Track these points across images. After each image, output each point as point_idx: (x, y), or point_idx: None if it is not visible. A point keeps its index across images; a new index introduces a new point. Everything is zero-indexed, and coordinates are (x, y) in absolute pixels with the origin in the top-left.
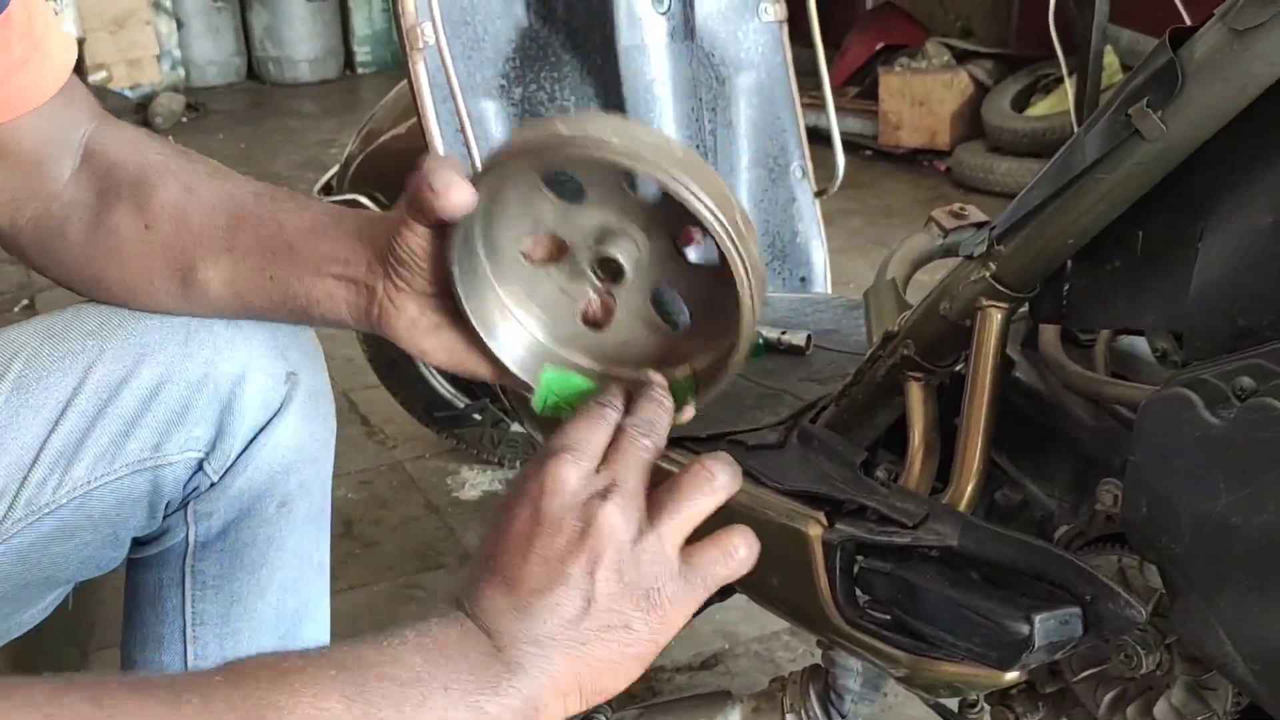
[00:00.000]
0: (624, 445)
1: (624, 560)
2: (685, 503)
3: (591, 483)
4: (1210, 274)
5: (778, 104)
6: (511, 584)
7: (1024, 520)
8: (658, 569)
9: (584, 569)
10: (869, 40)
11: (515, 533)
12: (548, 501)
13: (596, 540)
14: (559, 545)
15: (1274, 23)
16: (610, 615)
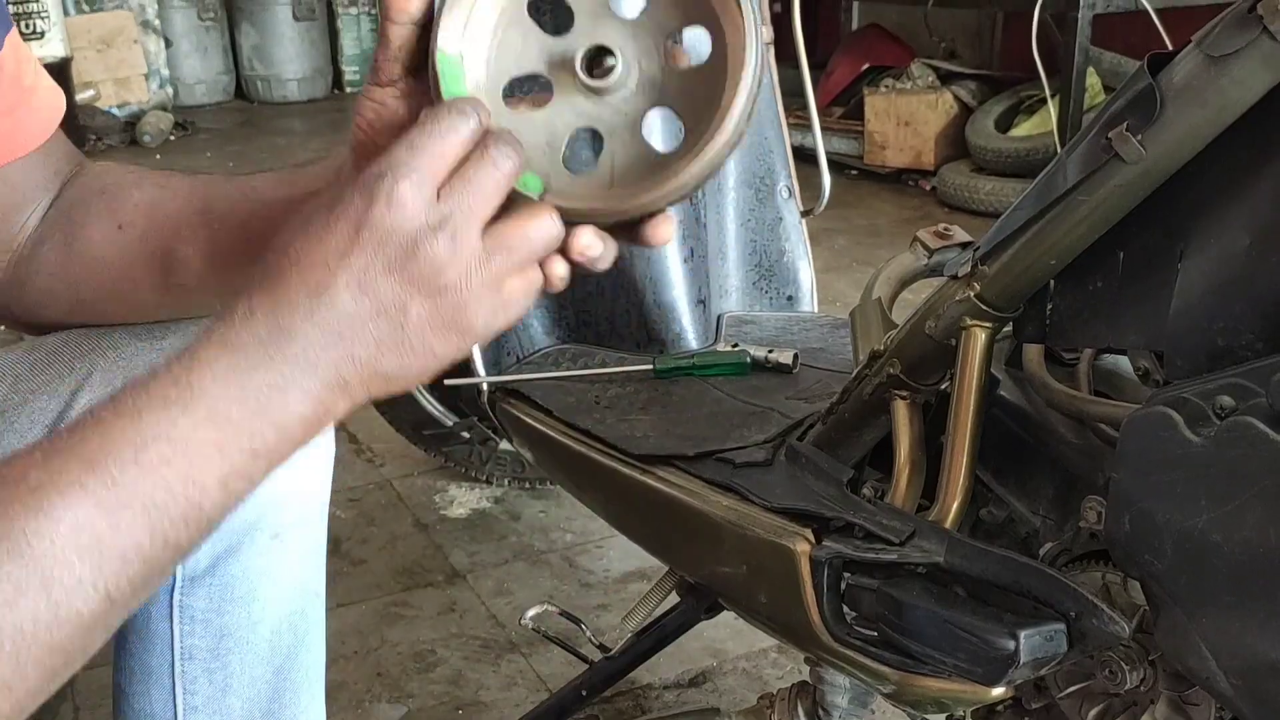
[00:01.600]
0: (477, 167)
1: (443, 300)
2: (524, 248)
3: (428, 209)
4: (1190, 294)
5: (765, 125)
6: (316, 300)
7: (1009, 537)
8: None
9: (398, 299)
10: (854, 61)
11: (332, 245)
12: (375, 220)
13: (418, 275)
14: (377, 269)
15: (1249, 49)
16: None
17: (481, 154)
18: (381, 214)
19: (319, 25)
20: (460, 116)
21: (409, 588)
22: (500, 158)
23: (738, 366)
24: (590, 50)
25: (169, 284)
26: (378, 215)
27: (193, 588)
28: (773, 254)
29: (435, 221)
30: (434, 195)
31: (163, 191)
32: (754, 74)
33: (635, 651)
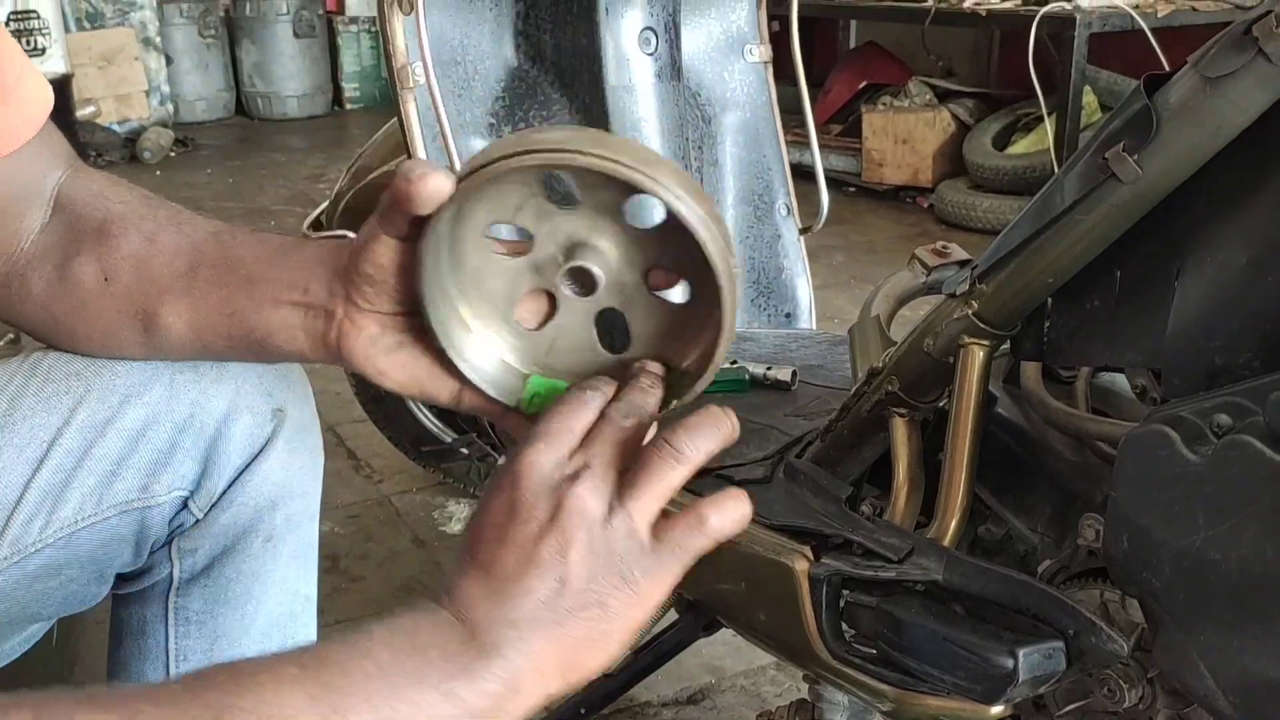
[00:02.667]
0: (602, 426)
1: (595, 539)
2: (653, 477)
3: (564, 466)
4: (1187, 313)
5: (763, 143)
6: (486, 571)
7: (1007, 555)
8: (629, 545)
9: (556, 550)
10: (852, 79)
11: (490, 522)
12: (521, 487)
13: (567, 521)
14: (531, 529)
15: (1245, 71)
16: (585, 595)
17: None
18: (523, 481)
19: (319, 43)
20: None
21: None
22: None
23: (736, 384)
24: (572, 270)
25: (149, 341)
26: (521, 483)
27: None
28: (771, 271)
29: (572, 474)
30: (567, 456)
31: (150, 247)
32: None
33: (633, 669)
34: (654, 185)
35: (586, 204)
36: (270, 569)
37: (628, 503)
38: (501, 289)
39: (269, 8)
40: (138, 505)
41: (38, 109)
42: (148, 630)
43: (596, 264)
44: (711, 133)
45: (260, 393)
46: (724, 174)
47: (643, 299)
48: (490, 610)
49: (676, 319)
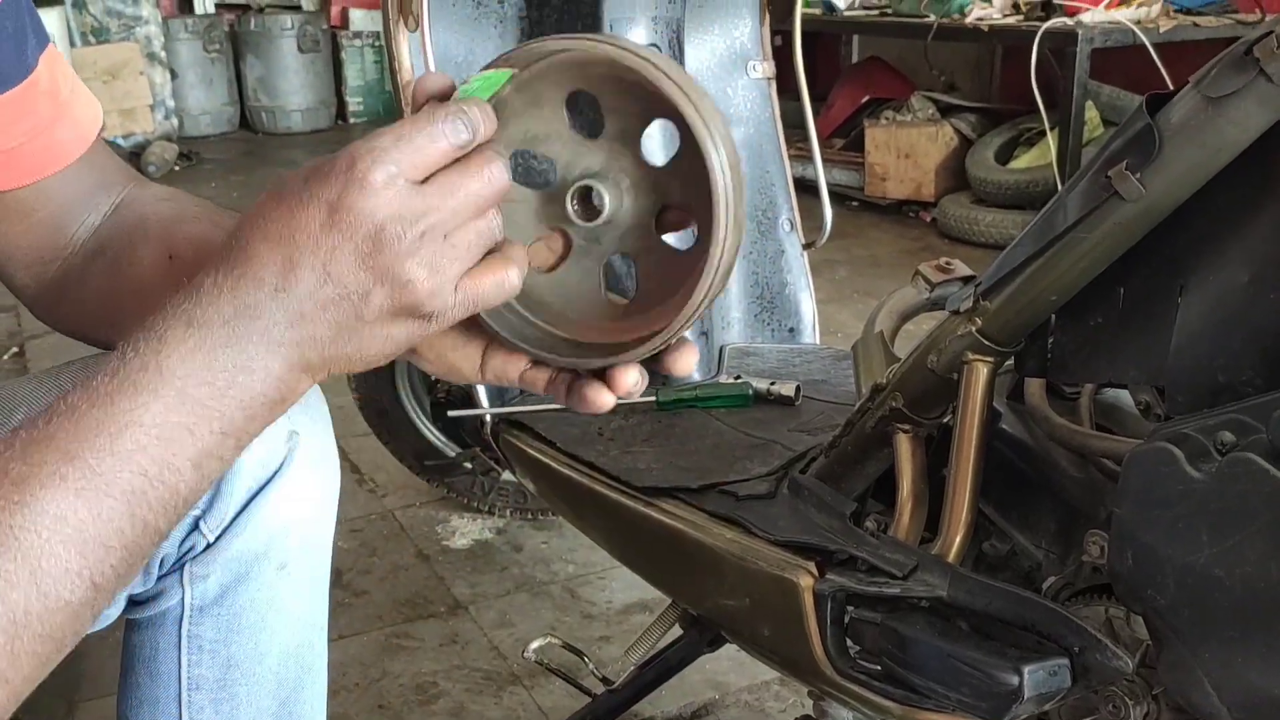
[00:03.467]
0: (464, 176)
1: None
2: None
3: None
4: (1190, 330)
5: (766, 158)
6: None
7: (1012, 571)
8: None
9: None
10: (855, 93)
11: (304, 226)
12: (349, 210)
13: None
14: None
15: (1246, 90)
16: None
17: (473, 163)
18: (354, 199)
19: (323, 57)
20: (459, 121)
21: (411, 619)
22: (491, 175)
23: (740, 399)
24: (581, 189)
25: None
26: (350, 200)
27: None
28: (775, 286)
29: (408, 215)
30: (411, 188)
31: (215, 231)
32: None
33: (638, 684)
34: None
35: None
36: (284, 597)
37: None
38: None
39: (273, 22)
40: None
41: (88, 127)
42: (160, 657)
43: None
44: None
45: None
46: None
47: (650, 244)
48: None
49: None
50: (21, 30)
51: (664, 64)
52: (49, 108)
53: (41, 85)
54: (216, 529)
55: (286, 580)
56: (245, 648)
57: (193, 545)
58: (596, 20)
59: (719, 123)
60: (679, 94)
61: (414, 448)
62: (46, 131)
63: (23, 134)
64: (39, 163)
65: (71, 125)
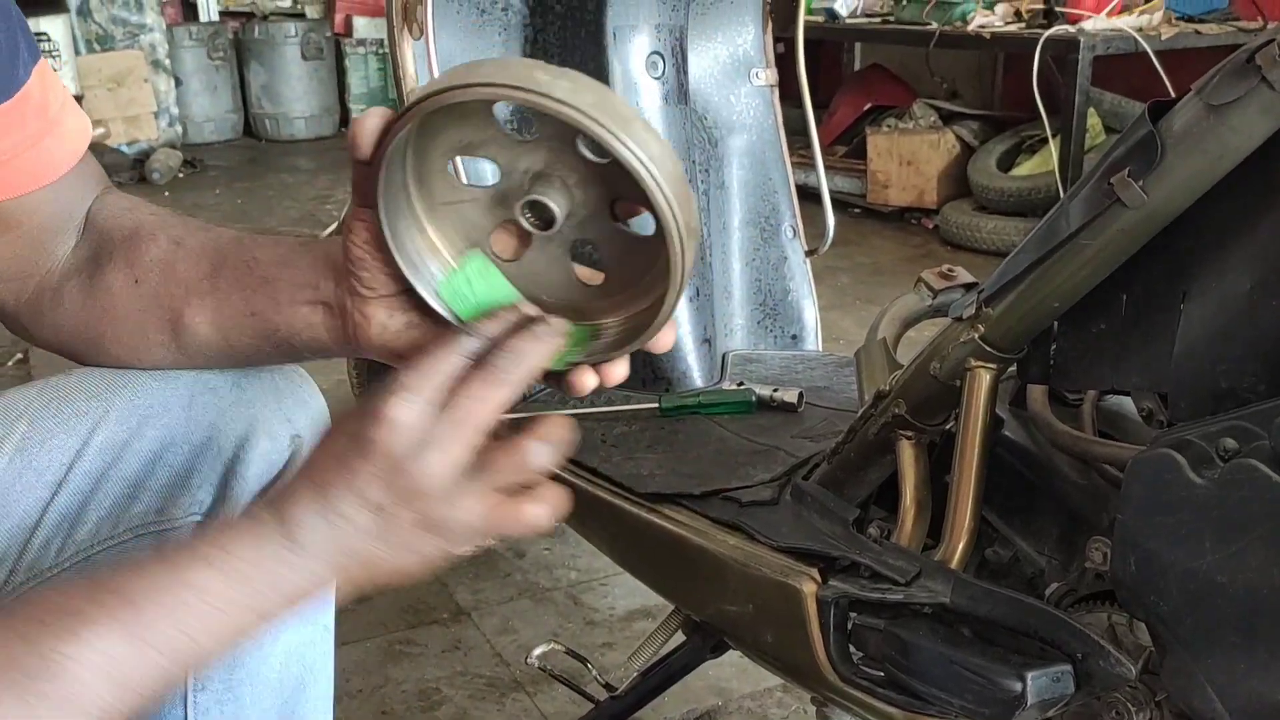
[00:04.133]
0: (474, 382)
1: (429, 509)
2: (508, 471)
3: (424, 424)
4: (1193, 337)
5: (769, 165)
6: (323, 504)
7: (1015, 577)
8: (459, 518)
9: (391, 506)
10: (857, 100)
11: (340, 461)
12: (375, 440)
13: (408, 489)
14: (373, 482)
15: (1248, 98)
16: (403, 543)
17: (483, 373)
18: (375, 433)
19: (327, 64)
20: (461, 340)
21: (413, 625)
22: (501, 380)
23: (743, 405)
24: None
25: (178, 343)
26: (373, 434)
27: None
28: (777, 293)
29: (427, 441)
30: (430, 415)
31: (177, 250)
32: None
33: (641, 691)
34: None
35: (545, 134)
36: None
37: (474, 482)
38: (474, 220)
39: (277, 30)
40: (154, 529)
41: (78, 140)
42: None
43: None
44: (718, 155)
45: (279, 418)
46: (730, 196)
47: (610, 231)
48: (313, 535)
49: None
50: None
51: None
52: (38, 122)
53: (33, 99)
54: None
55: None
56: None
57: None
58: (599, 28)
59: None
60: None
61: None
62: (35, 145)
63: (11, 147)
64: (27, 177)
65: (60, 140)
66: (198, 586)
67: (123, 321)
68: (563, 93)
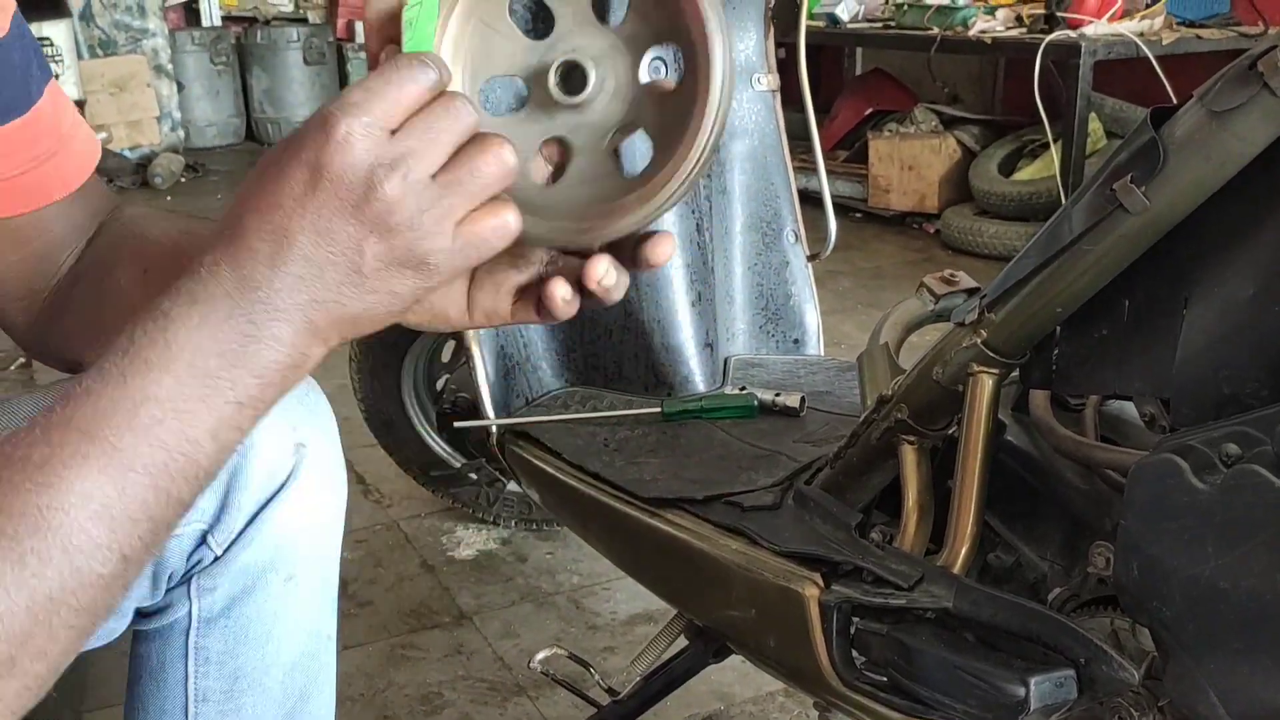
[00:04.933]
0: (434, 113)
1: (398, 238)
2: (476, 180)
3: (381, 149)
4: (1195, 342)
5: (771, 170)
6: (277, 248)
7: (1017, 582)
8: (432, 244)
9: (355, 242)
10: (858, 105)
11: (289, 192)
12: (329, 166)
13: (373, 215)
14: (333, 214)
15: (1250, 105)
16: (375, 282)
17: (440, 103)
18: (333, 156)
19: (329, 69)
20: (420, 68)
21: (416, 629)
22: (461, 110)
23: (745, 410)
24: (564, 65)
25: None
26: (329, 157)
27: (209, 629)
28: (779, 297)
29: (388, 161)
30: (386, 137)
31: (188, 238)
32: (719, 96)
33: (643, 695)
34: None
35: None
36: (291, 608)
37: (442, 200)
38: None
39: (279, 35)
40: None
41: (88, 158)
42: (167, 669)
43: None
44: (720, 160)
45: (284, 425)
46: (732, 201)
47: (642, 97)
48: (274, 293)
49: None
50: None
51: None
52: (50, 139)
53: (45, 117)
54: (224, 542)
55: (294, 591)
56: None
57: (200, 558)
58: None
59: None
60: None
61: (419, 458)
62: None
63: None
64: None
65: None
66: (155, 397)
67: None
68: None
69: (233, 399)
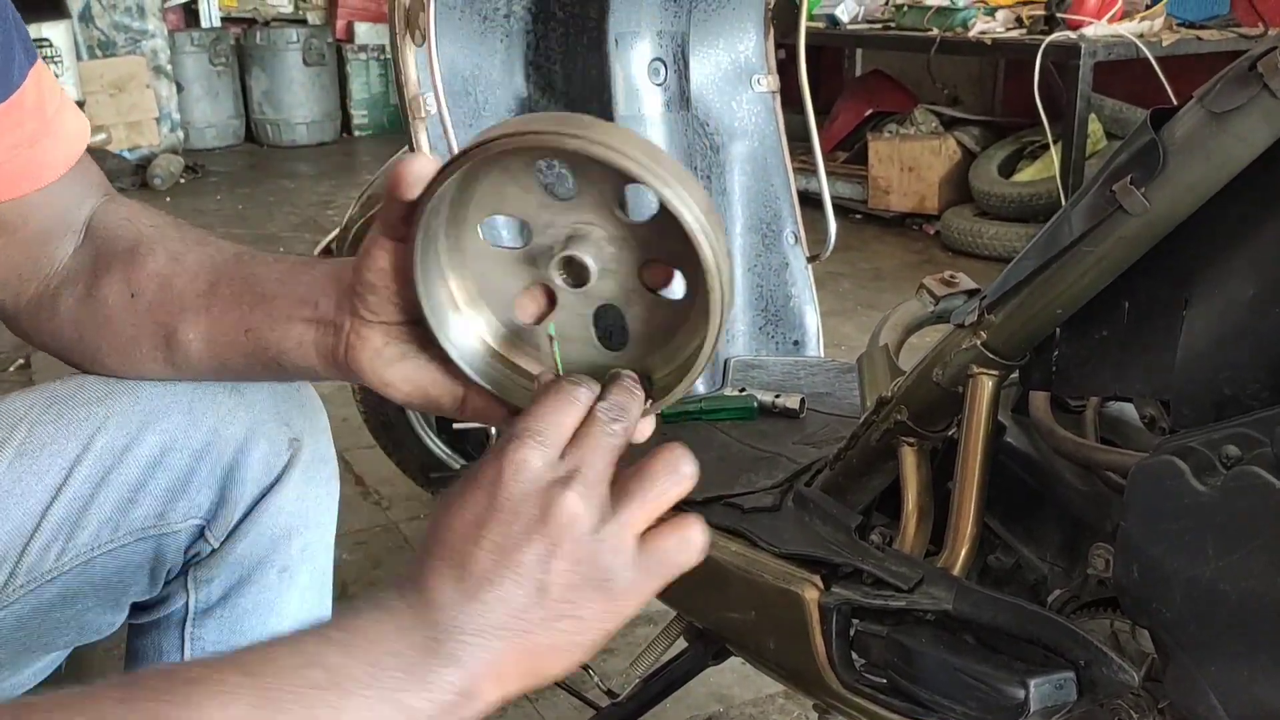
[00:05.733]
0: (593, 430)
1: (581, 550)
2: (652, 491)
3: (554, 469)
4: (1195, 343)
5: (771, 171)
6: (461, 571)
7: (1017, 584)
8: (616, 559)
9: (539, 558)
10: (858, 106)
11: (469, 518)
12: (506, 486)
13: (555, 529)
14: (515, 532)
15: (1250, 106)
16: (562, 605)
17: (596, 419)
18: (510, 479)
19: (329, 70)
20: (576, 389)
21: None
22: (614, 421)
23: (745, 411)
24: (564, 259)
25: (170, 358)
26: (507, 481)
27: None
28: (779, 299)
29: (563, 474)
30: (557, 456)
31: (175, 265)
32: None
33: (643, 697)
34: (645, 173)
35: (584, 195)
36: (285, 600)
37: (620, 513)
38: (501, 282)
39: (279, 36)
40: (154, 532)
41: (75, 142)
42: (163, 659)
43: (590, 254)
44: (720, 162)
45: (277, 422)
46: (732, 202)
47: (639, 295)
48: (459, 614)
49: (674, 317)
50: (9, 45)
51: (620, 143)
52: (35, 124)
53: (28, 101)
54: (221, 535)
55: (289, 583)
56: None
57: (198, 551)
58: (601, 35)
59: (693, 187)
60: (645, 172)
61: (418, 460)
62: (32, 147)
63: (7, 149)
64: (23, 178)
65: (57, 142)
66: (326, 665)
67: (117, 334)
68: (620, 143)
69: (399, 702)
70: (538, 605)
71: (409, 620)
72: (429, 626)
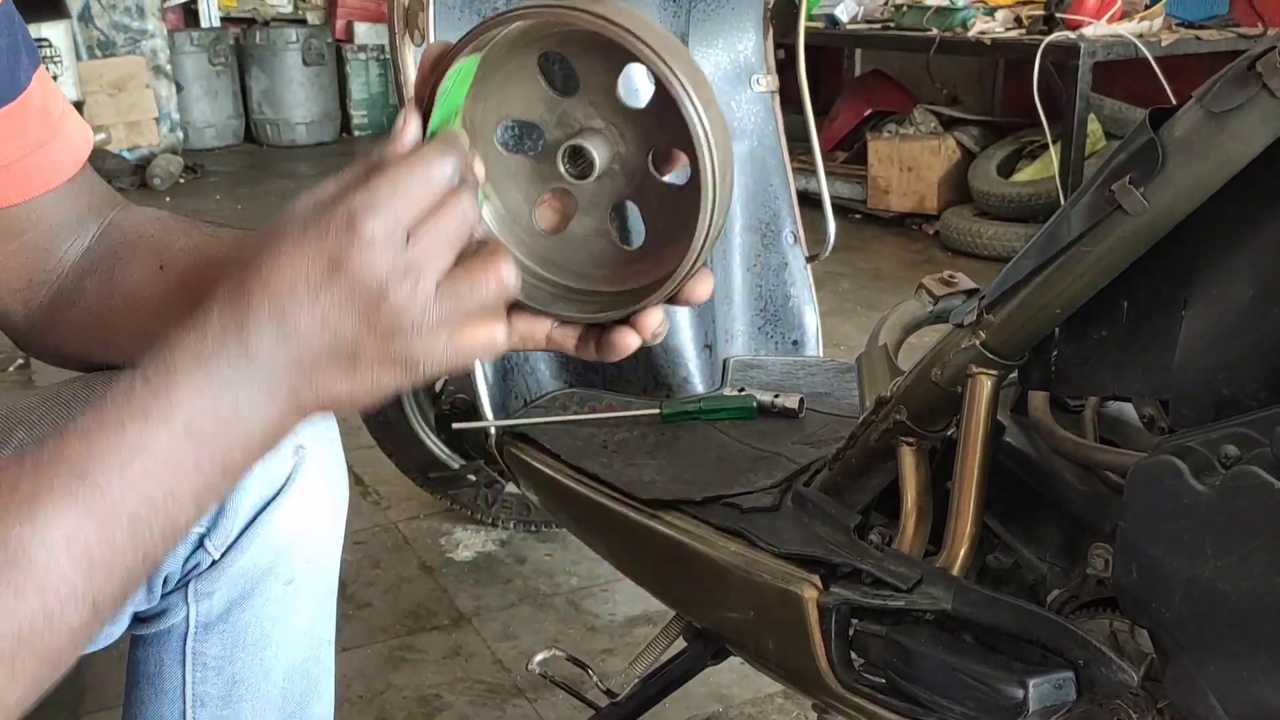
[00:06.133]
0: (448, 214)
1: (399, 341)
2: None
3: (399, 255)
4: (1194, 343)
5: (770, 171)
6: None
7: (1016, 584)
8: (427, 350)
9: (359, 337)
10: (858, 106)
11: (306, 276)
12: (352, 260)
13: (383, 319)
14: (347, 308)
15: (1249, 106)
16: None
17: (451, 202)
18: (357, 256)
19: (328, 70)
20: (441, 163)
21: (414, 631)
22: (468, 208)
23: (744, 411)
24: (570, 150)
25: None
26: (353, 256)
27: (206, 634)
28: (778, 299)
29: (402, 268)
30: (405, 240)
31: (210, 240)
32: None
33: (642, 697)
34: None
35: (586, 85)
36: (290, 613)
37: (442, 311)
38: (521, 190)
39: (278, 36)
40: None
41: (79, 148)
42: (164, 674)
43: (595, 144)
44: None
45: None
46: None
47: (652, 186)
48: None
49: (685, 205)
50: (14, 48)
51: (622, 18)
52: (40, 127)
53: (33, 104)
54: (221, 546)
55: (293, 596)
56: (250, 664)
57: (197, 563)
58: None
59: (685, 62)
60: (641, 46)
61: (418, 460)
62: (38, 151)
63: (13, 152)
64: (30, 181)
65: (62, 146)
66: (150, 450)
67: (144, 309)
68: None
69: (220, 464)
70: (343, 372)
71: (226, 376)
72: (247, 380)
